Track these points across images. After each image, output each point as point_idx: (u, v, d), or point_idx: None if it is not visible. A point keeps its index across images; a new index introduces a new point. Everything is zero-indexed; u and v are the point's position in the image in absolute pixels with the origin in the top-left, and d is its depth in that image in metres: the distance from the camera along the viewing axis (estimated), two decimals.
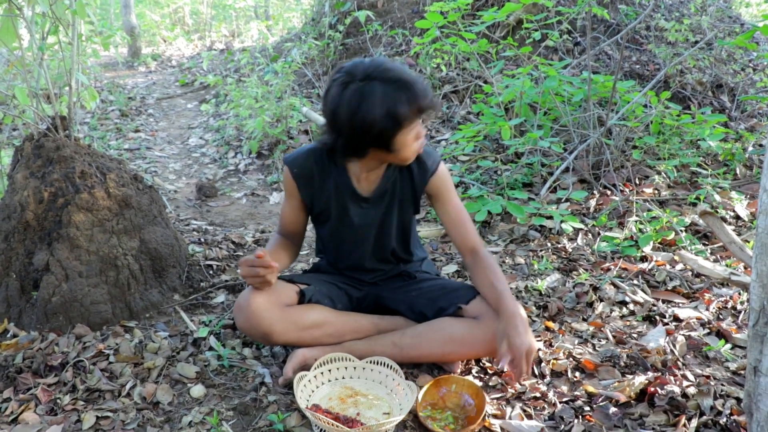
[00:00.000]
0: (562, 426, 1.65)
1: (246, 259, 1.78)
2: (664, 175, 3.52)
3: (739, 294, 2.37)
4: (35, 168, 2.32)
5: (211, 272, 2.58)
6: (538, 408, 1.74)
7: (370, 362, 1.90)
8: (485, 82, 4.76)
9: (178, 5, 15.23)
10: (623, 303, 2.36)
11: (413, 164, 1.95)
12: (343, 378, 1.88)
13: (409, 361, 1.95)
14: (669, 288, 2.48)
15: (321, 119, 4.40)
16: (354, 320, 2.00)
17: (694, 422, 1.61)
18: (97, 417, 1.68)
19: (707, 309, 2.28)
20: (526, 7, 4.73)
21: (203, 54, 8.03)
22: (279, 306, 1.87)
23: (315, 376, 1.83)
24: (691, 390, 1.73)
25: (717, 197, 3.19)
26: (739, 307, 2.30)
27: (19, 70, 2.61)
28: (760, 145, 3.99)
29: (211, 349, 2.03)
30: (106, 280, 2.23)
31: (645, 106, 3.88)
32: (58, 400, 1.76)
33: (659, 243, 2.90)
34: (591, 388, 1.81)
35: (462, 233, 2.01)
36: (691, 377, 1.81)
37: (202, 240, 2.91)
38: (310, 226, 2.11)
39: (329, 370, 1.87)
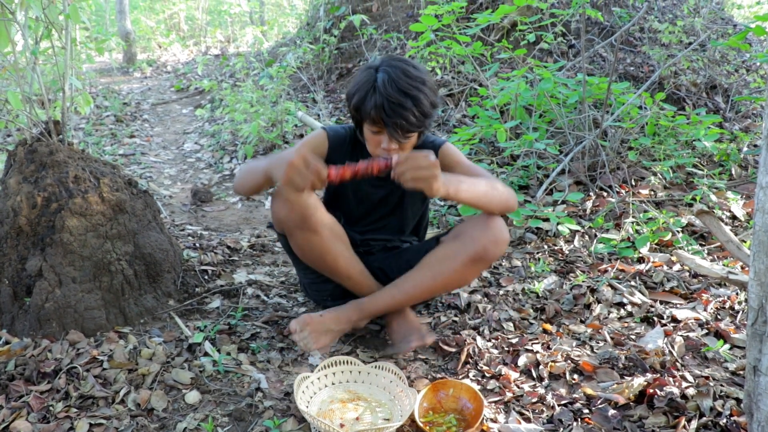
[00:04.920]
0: (561, 429, 1.64)
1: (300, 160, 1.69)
2: (660, 176, 3.51)
3: (737, 294, 2.36)
4: (28, 173, 2.30)
5: (206, 277, 2.57)
6: (537, 411, 1.72)
7: (375, 367, 1.88)
8: (480, 85, 4.76)
9: (174, 11, 15.23)
10: (621, 304, 2.35)
11: (421, 144, 2.05)
12: (347, 382, 1.87)
13: (408, 300, 2.04)
14: (666, 289, 2.47)
15: (316, 123, 4.39)
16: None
17: (694, 423, 1.60)
18: (91, 424, 1.66)
19: (705, 309, 2.28)
20: (520, 10, 4.73)
21: (198, 59, 8.02)
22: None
23: (318, 378, 1.82)
24: (691, 391, 1.71)
25: (713, 197, 3.18)
26: (737, 307, 2.29)
27: (12, 74, 2.60)
28: (755, 145, 3.99)
29: (206, 354, 2.01)
30: (99, 285, 2.21)
31: (640, 107, 3.88)
32: (51, 408, 1.73)
33: (656, 244, 2.89)
34: (589, 391, 1.80)
35: (475, 173, 2.01)
36: (690, 378, 1.80)
37: (197, 245, 2.90)
38: None
39: (333, 374, 1.86)
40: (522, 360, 1.97)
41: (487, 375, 1.91)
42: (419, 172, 1.64)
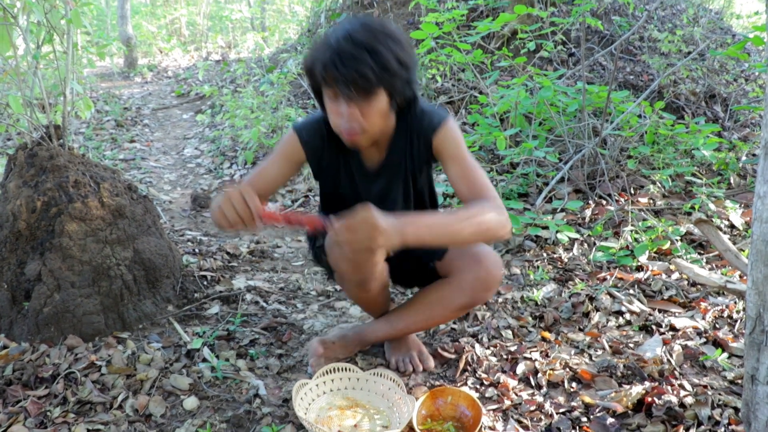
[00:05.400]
0: None
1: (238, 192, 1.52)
2: (659, 185, 3.52)
3: (735, 303, 2.37)
4: (28, 177, 2.31)
5: (205, 283, 2.57)
6: (535, 419, 1.72)
7: (373, 374, 1.88)
8: (480, 92, 4.77)
9: (175, 16, 15.28)
10: (619, 313, 2.35)
11: (417, 126, 1.78)
12: (345, 389, 1.87)
13: (403, 334, 2.01)
14: (665, 297, 2.47)
15: None
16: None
17: None
18: (88, 430, 1.66)
19: (703, 318, 2.28)
20: (521, 18, 4.75)
21: (199, 64, 8.03)
22: None
23: (317, 385, 1.82)
24: (689, 400, 1.71)
25: (712, 206, 3.19)
26: (735, 315, 2.29)
27: (13, 78, 2.60)
28: (753, 155, 4.00)
29: (204, 360, 2.01)
30: (98, 290, 2.21)
31: (639, 116, 3.89)
32: (48, 413, 1.73)
33: (655, 252, 2.89)
34: (588, 399, 1.79)
35: (469, 183, 1.74)
36: (688, 387, 1.80)
37: (197, 251, 2.90)
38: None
39: (332, 380, 1.86)
40: (520, 368, 1.97)
41: (486, 383, 1.91)
42: (356, 244, 1.47)
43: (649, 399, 1.72)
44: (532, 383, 1.90)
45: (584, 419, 1.70)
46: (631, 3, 4.15)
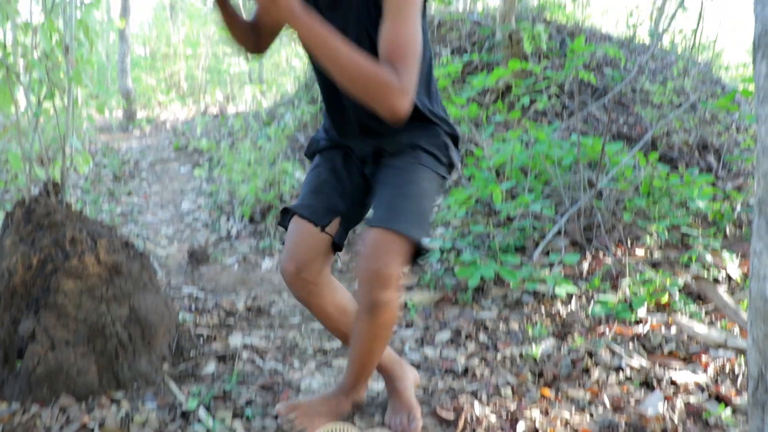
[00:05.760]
0: None
1: None
2: (656, 236, 3.52)
3: (737, 356, 2.35)
4: (25, 234, 2.31)
5: (201, 341, 2.54)
6: None
7: None
8: (476, 145, 4.82)
9: (174, 70, 15.50)
10: (619, 368, 2.33)
11: None
12: None
13: (364, 374, 1.92)
14: (665, 352, 2.45)
15: None
16: None
17: None
18: None
19: (705, 372, 2.25)
20: (515, 72, 4.83)
21: (197, 120, 8.11)
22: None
23: None
24: None
25: (709, 258, 3.19)
26: (737, 369, 2.27)
27: (13, 134, 2.63)
28: (748, 204, 4.02)
29: (199, 421, 1.98)
30: (93, 349, 2.19)
31: (634, 167, 3.92)
32: None
33: (654, 305, 2.88)
34: None
35: (390, 46, 1.54)
36: None
37: (193, 307, 2.88)
38: None
39: None
40: (521, 427, 1.94)
41: None
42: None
43: None
44: None
45: None
46: (622, 57, 4.22)
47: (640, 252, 3.39)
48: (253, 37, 1.88)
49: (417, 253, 1.71)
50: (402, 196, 1.75)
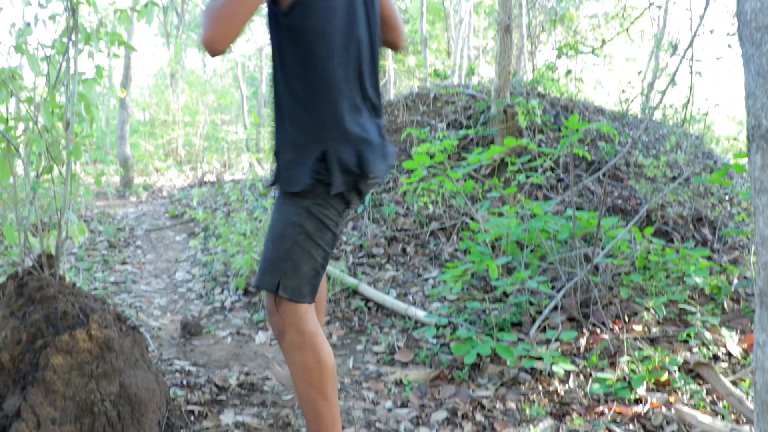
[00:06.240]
0: None
1: None
2: (653, 312, 3.50)
3: None
4: (16, 307, 2.28)
5: (192, 418, 2.48)
6: None
7: None
8: (472, 218, 4.84)
9: (172, 137, 15.71)
10: None
11: None
12: None
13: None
14: None
15: None
16: None
17: None
18: None
19: None
20: (511, 148, 4.90)
21: (194, 191, 8.16)
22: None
23: None
24: None
25: (707, 335, 3.16)
26: None
27: (10, 206, 2.63)
28: (745, 277, 4.01)
29: None
30: (80, 427, 2.13)
31: (629, 241, 3.93)
32: None
33: (653, 383, 2.84)
34: None
35: None
36: None
37: (185, 382, 2.82)
38: None
39: None
40: None
41: None
42: None
43: None
44: None
45: None
46: (616, 135, 4.30)
47: (637, 328, 3.36)
48: None
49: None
50: (265, 243, 2.01)
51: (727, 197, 5.90)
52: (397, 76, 15.82)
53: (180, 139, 15.77)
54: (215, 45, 1.71)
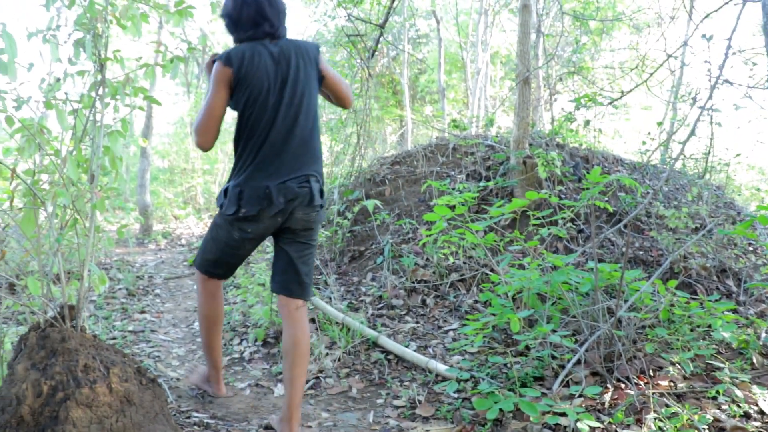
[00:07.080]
0: None
1: None
2: (679, 367, 3.42)
3: None
4: (38, 359, 2.28)
5: None
6: None
7: None
8: (492, 270, 4.81)
9: (191, 184, 15.87)
10: None
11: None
12: None
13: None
14: None
15: (331, 310, 4.37)
16: None
17: None
18: None
19: None
20: (532, 201, 4.89)
21: None
22: None
23: None
24: None
25: (738, 392, 3.08)
26: None
27: (34, 257, 2.65)
28: None
29: None
30: None
31: (653, 293, 3.88)
32: None
33: None
34: None
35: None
36: None
37: None
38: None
39: None
40: None
41: None
42: None
43: None
44: None
45: None
46: (639, 188, 4.28)
47: (663, 383, 3.28)
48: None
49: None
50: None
51: (751, 248, 5.83)
52: (415, 126, 15.96)
53: (199, 186, 15.93)
54: (203, 147, 2.80)
